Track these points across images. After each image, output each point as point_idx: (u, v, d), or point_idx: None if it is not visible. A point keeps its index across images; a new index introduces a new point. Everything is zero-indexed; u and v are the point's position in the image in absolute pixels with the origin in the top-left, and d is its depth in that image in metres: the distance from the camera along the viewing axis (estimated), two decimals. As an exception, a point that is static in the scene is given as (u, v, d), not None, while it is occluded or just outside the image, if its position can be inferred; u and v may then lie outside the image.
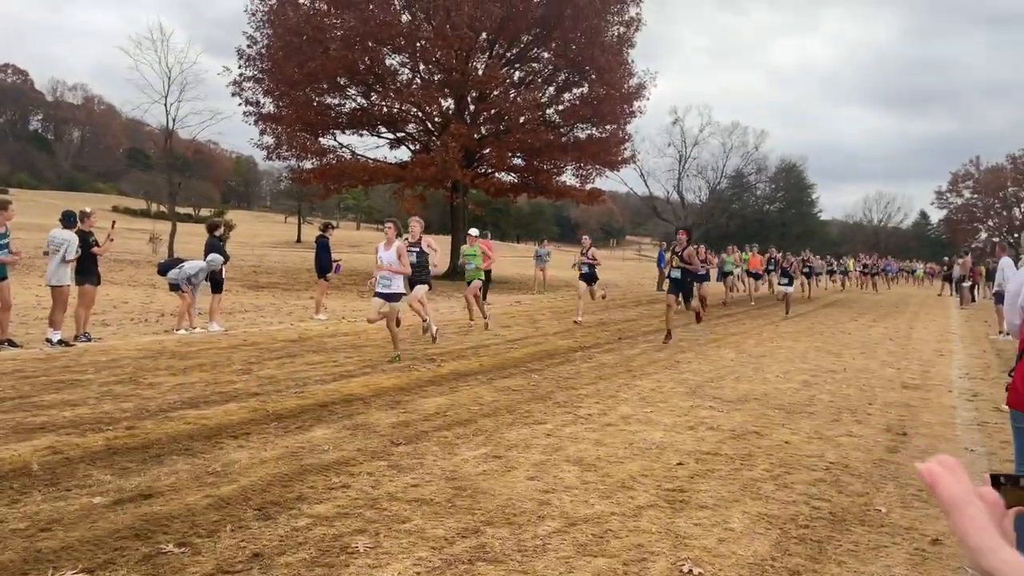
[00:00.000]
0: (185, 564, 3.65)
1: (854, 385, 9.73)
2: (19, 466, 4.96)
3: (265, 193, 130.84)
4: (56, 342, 10.13)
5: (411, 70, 32.08)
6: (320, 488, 4.84)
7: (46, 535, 3.89)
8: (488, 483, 5.08)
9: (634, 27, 32.91)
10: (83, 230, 10.79)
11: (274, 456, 5.49)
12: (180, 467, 5.13)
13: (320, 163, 31.45)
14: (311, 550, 3.87)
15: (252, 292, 20.34)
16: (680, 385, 9.16)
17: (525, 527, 4.32)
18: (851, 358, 12.34)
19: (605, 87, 31.43)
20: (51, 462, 5.09)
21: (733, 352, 12.44)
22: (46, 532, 3.93)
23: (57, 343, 10.11)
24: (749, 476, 5.53)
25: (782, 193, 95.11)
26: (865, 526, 4.59)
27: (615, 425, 6.95)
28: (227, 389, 7.77)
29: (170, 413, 6.60)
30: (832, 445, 6.57)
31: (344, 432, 6.27)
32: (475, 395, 8.04)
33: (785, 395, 8.83)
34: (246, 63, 30.44)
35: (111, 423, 6.19)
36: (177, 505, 4.41)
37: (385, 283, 9.89)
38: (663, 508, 4.75)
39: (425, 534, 4.15)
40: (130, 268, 25.23)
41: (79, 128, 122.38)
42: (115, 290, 17.59)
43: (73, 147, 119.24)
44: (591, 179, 35.03)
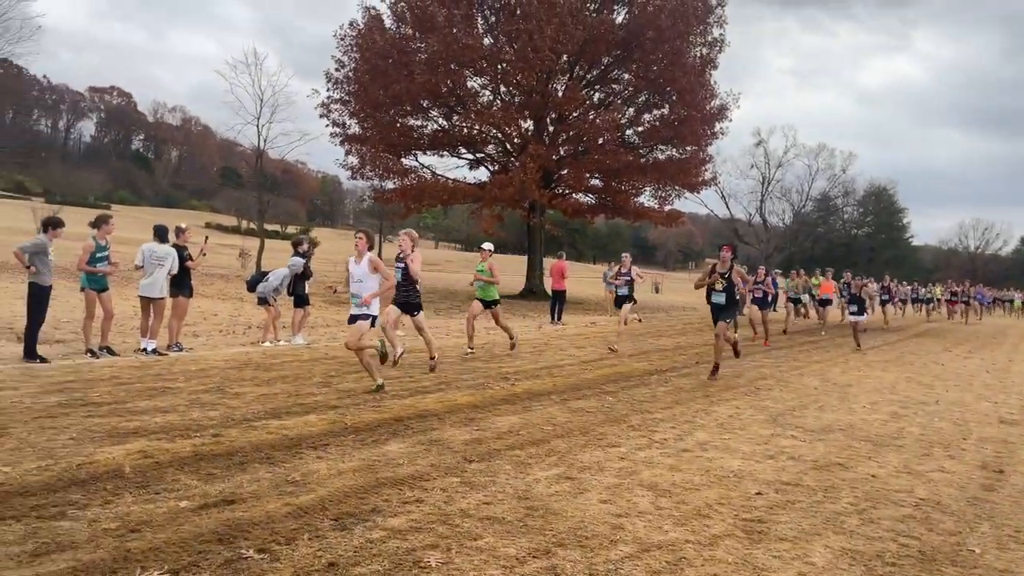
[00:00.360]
0: (264, 570, 3.74)
1: (947, 419, 9.27)
2: (112, 468, 5.20)
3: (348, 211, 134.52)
4: (150, 351, 10.61)
5: (492, 92, 32.57)
6: (394, 501, 4.90)
7: (135, 536, 4.06)
8: (560, 504, 5.04)
9: (717, 48, 32.64)
10: (178, 244, 11.30)
11: (351, 468, 5.59)
12: (262, 475, 5.28)
13: (402, 183, 32.17)
14: (384, 562, 3.91)
15: (334, 307, 20.87)
16: (760, 412, 8.91)
17: (597, 551, 4.26)
18: (944, 390, 11.77)
19: (686, 108, 31.20)
20: (142, 465, 5.32)
21: (817, 380, 12.04)
22: (135, 533, 4.10)
23: (151, 352, 10.59)
24: (832, 509, 5.32)
25: (871, 217, 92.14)
26: (957, 567, 4.35)
27: (691, 451, 6.81)
28: (308, 401, 7.97)
29: (254, 422, 6.82)
30: (922, 480, 6.26)
31: (418, 447, 6.34)
32: (548, 415, 8.01)
33: (872, 427, 8.48)
34: (334, 86, 31.50)
35: (199, 430, 6.43)
36: (258, 512, 4.54)
37: (356, 301, 9.01)
38: (740, 538, 4.62)
39: (496, 552, 4.14)
40: (220, 282, 26.28)
41: (177, 148, 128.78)
42: (206, 303, 18.35)
43: (171, 166, 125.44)
44: (670, 200, 34.76)
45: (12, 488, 4.67)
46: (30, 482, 4.80)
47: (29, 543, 3.88)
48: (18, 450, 5.51)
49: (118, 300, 11.10)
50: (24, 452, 5.46)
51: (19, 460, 5.25)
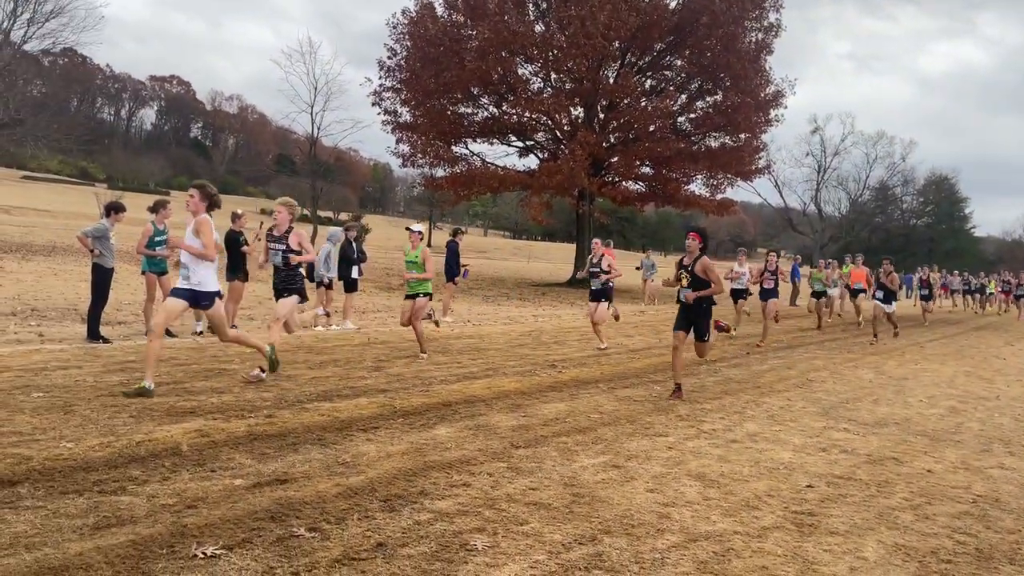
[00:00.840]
0: (315, 548, 3.83)
1: (1008, 414, 8.98)
2: (171, 446, 5.36)
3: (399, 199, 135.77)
4: (198, 332, 10.90)
5: (542, 79, 32.44)
6: (442, 485, 4.95)
7: (191, 512, 4.19)
8: (606, 492, 5.04)
9: (773, 33, 31.92)
10: (234, 230, 11.56)
11: (399, 451, 5.67)
12: (313, 456, 5.39)
13: (452, 170, 32.32)
14: (432, 544, 3.97)
15: (384, 293, 21.13)
16: (812, 405, 8.75)
17: (643, 539, 4.25)
18: (1005, 385, 11.39)
19: (740, 95, 30.63)
20: (199, 444, 5.47)
21: (872, 373, 11.77)
22: (192, 509, 4.23)
23: (198, 334, 10.87)
24: (886, 504, 5.21)
25: (931, 207, 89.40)
26: (1015, 565, 4.23)
27: (740, 442, 6.73)
28: (358, 384, 8.10)
29: (306, 404, 6.95)
30: (981, 477, 6.08)
31: (466, 432, 6.40)
32: (595, 403, 8.00)
33: (929, 421, 8.26)
34: (386, 74, 31.75)
35: (253, 411, 6.59)
36: (309, 492, 4.63)
37: (184, 273, 7.45)
38: (790, 531, 4.56)
39: (543, 537, 4.16)
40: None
41: (234, 135, 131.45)
42: (261, 287, 18.72)
43: (228, 153, 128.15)
44: (722, 189, 34.21)
45: (76, 463, 4.85)
46: (92, 458, 4.98)
47: (91, 516, 4.03)
48: (81, 427, 5.72)
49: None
50: (87, 429, 5.67)
51: (82, 436, 5.45)
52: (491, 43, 28.54)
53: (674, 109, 31.90)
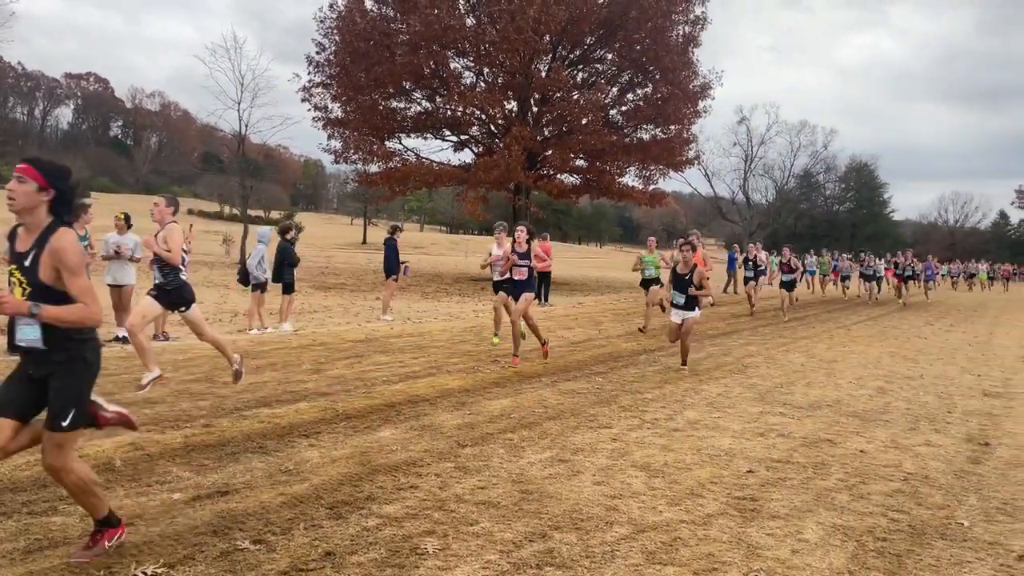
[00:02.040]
0: (261, 561, 3.74)
1: (932, 393, 9.38)
2: (103, 461, 5.17)
3: (332, 196, 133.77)
4: (121, 338, 10.52)
5: (475, 73, 32.37)
6: (389, 488, 4.90)
7: (129, 529, 4.04)
8: (555, 487, 5.07)
9: (700, 26, 32.52)
10: (161, 233, 11.19)
11: (344, 455, 5.59)
12: (255, 465, 5.27)
13: (386, 166, 31.98)
14: (381, 550, 3.92)
15: (321, 293, 20.79)
16: (748, 390, 8.98)
17: (593, 533, 4.29)
18: (928, 364, 11.90)
19: (669, 87, 31.13)
20: (132, 458, 5.29)
21: (803, 357, 12.13)
22: (129, 527, 4.08)
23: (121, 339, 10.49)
24: (823, 486, 5.38)
25: (852, 193, 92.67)
26: (946, 540, 4.42)
27: (682, 430, 6.86)
28: (298, 388, 7.95)
29: (244, 412, 6.79)
30: (910, 455, 6.34)
31: (411, 433, 6.34)
32: (539, 397, 8.04)
33: (859, 402, 8.56)
34: (315, 69, 31.18)
35: (188, 421, 6.40)
36: (252, 502, 4.53)
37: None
38: (734, 517, 4.66)
39: (493, 537, 4.16)
40: (204, 269, 26.08)
41: (156, 134, 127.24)
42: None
43: (151, 152, 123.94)
44: (654, 180, 34.76)
45: (2, 484, 4.64)
46: (19, 478, 4.77)
47: (21, 540, 3.85)
48: (7, 445, 5.46)
49: (103, 291, 10.99)
50: (13, 447, 5.42)
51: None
52: (421, 37, 28.30)
53: (606, 102, 32.21)
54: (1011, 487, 5.52)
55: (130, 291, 11.05)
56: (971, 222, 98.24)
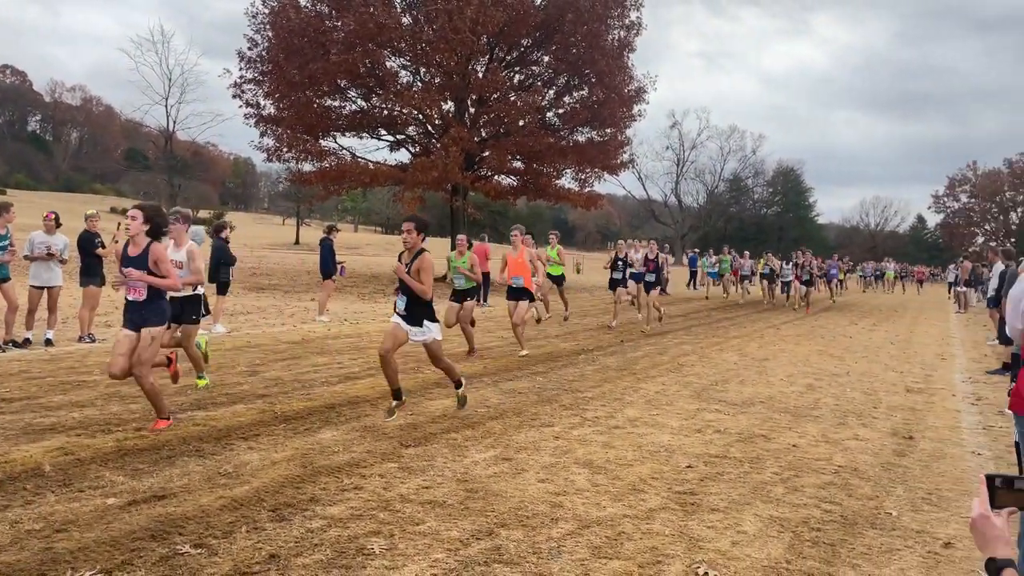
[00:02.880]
0: (202, 565, 3.65)
1: (858, 389, 9.75)
2: (31, 467, 4.96)
3: (264, 195, 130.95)
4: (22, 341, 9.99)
5: (412, 73, 32.14)
6: (332, 490, 4.84)
7: (62, 536, 3.89)
8: (499, 485, 5.09)
9: (634, 31, 32.99)
10: (88, 231, 10.79)
11: (285, 457, 5.49)
12: (192, 468, 5.13)
13: (320, 165, 31.46)
14: (327, 551, 3.87)
15: (253, 294, 20.33)
16: (685, 388, 9.17)
17: (539, 529, 4.33)
18: (854, 362, 12.36)
19: (605, 91, 31.51)
20: (63, 463, 5.09)
21: (736, 355, 12.46)
22: (62, 533, 3.93)
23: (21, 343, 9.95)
24: (759, 479, 5.54)
25: (779, 197, 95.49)
26: (877, 529, 4.61)
27: (623, 428, 6.97)
28: (234, 391, 7.77)
29: (178, 414, 6.60)
30: (840, 448, 6.58)
31: (353, 434, 6.27)
32: (481, 397, 8.05)
33: (790, 398, 8.85)
34: (247, 65, 30.47)
35: (120, 424, 6.19)
36: (191, 506, 4.41)
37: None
38: (675, 511, 4.76)
39: (440, 536, 4.15)
40: (130, 269, 25.18)
41: (77, 129, 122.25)
42: (119, 292, 17.59)
43: (71, 148, 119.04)
44: (590, 182, 35.10)
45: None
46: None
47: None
48: (-77, 452, 5.19)
49: (21, 290, 10.51)
50: (-70, 454, 5.15)
51: (-75, 463, 4.95)
52: (357, 35, 27.94)
53: (543, 104, 32.39)
54: (934, 478, 5.79)
55: (57, 292, 10.60)
56: (891, 225, 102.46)
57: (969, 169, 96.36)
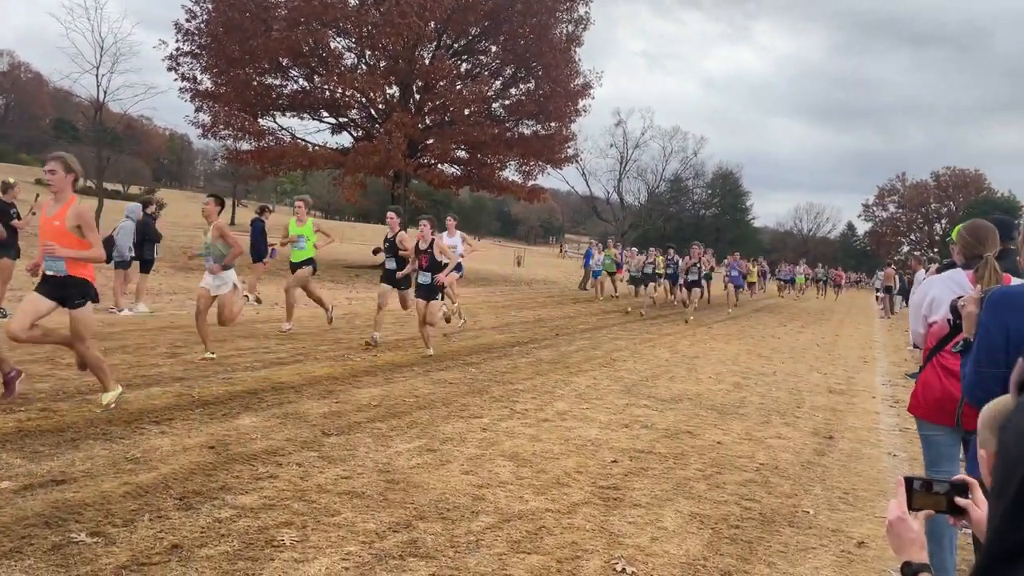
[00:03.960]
0: (98, 554, 3.44)
1: (783, 388, 9.94)
2: (-82, 447, 4.64)
3: (199, 173, 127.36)
4: None
5: (356, 55, 31.55)
6: (246, 478, 4.65)
7: (-55, 522, 3.63)
8: (422, 477, 4.98)
9: (582, 26, 33.06)
10: (4, 202, 10.23)
11: (198, 443, 5.27)
12: (96, 452, 4.87)
13: (258, 144, 30.66)
14: (234, 542, 3.70)
15: (182, 274, 19.67)
16: (616, 383, 9.20)
17: (458, 522, 4.23)
18: (780, 362, 12.62)
19: (551, 84, 31.50)
20: (-46, 444, 4.77)
21: (667, 352, 12.58)
22: (-55, 519, 3.67)
23: None
24: (682, 475, 5.56)
25: (718, 199, 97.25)
26: (794, 527, 4.66)
27: (551, 421, 6.92)
28: (151, 372, 7.46)
29: (88, 395, 6.29)
30: (762, 447, 6.67)
31: (273, 421, 6.07)
32: (411, 387, 7.91)
33: (717, 396, 8.95)
34: (184, 37, 29.42)
35: (24, 404, 5.86)
36: (92, 492, 4.18)
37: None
38: (598, 506, 4.73)
39: (355, 528, 4.02)
40: (51, 243, 24.14)
41: (3, 96, 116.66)
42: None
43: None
44: (534, 175, 35.09)
45: None
46: None
47: None
48: None
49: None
50: None
51: None
52: (300, 12, 27.24)
53: (489, 95, 32.19)
54: (852, 478, 5.91)
55: None
56: (823, 231, 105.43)
57: (898, 180, 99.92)
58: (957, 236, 3.75)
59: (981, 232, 3.50)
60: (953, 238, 3.86)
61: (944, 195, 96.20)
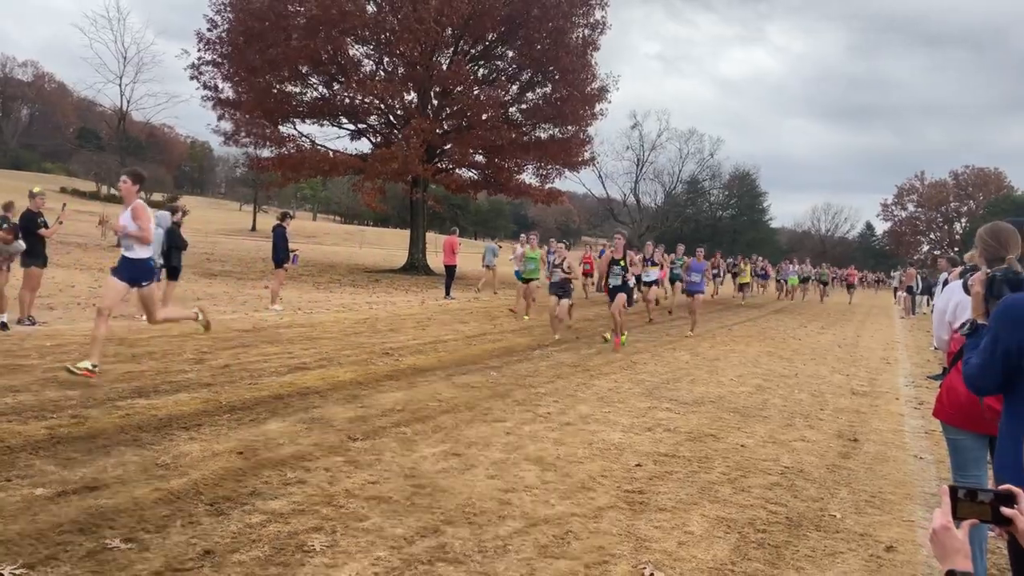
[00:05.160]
0: (132, 560, 3.51)
1: (806, 390, 9.88)
2: (-45, 454, 4.73)
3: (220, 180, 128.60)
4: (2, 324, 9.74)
5: (375, 62, 31.78)
6: (275, 483, 4.71)
7: (-16, 527, 3.71)
8: (448, 481, 5.01)
9: (599, 30, 33.04)
10: (32, 211, 10.41)
11: (227, 449, 5.34)
12: (128, 458, 4.95)
13: (279, 151, 30.95)
14: (265, 548, 3.75)
15: (205, 280, 19.89)
16: (637, 386, 9.19)
17: (486, 527, 4.26)
18: (802, 364, 12.55)
19: (568, 88, 31.52)
20: (-10, 451, 4.87)
21: (688, 355, 12.55)
22: (-16, 524, 3.75)
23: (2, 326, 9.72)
24: (707, 479, 5.56)
25: (735, 200, 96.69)
26: (821, 531, 4.64)
27: (574, 424, 6.94)
28: (179, 379, 7.55)
29: (118, 402, 6.38)
30: (787, 449, 6.65)
31: (300, 426, 6.13)
32: (434, 391, 7.95)
33: (739, 399, 8.92)
34: (205, 47, 29.79)
35: (55, 411, 5.96)
36: (124, 498, 4.25)
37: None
38: (623, 510, 4.74)
39: (384, 533, 4.06)
40: (78, 251, 24.51)
41: (28, 106, 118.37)
42: (61, 273, 17.04)
43: (21, 125, 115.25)
44: (551, 179, 35.10)
45: None
46: None
47: None
48: None
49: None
50: None
51: None
52: (319, 20, 27.48)
53: (506, 99, 32.27)
54: (878, 481, 5.87)
55: None
56: (841, 232, 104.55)
57: (917, 179, 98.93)
58: (977, 239, 3.72)
59: (1003, 235, 3.43)
60: None
61: (964, 194, 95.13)
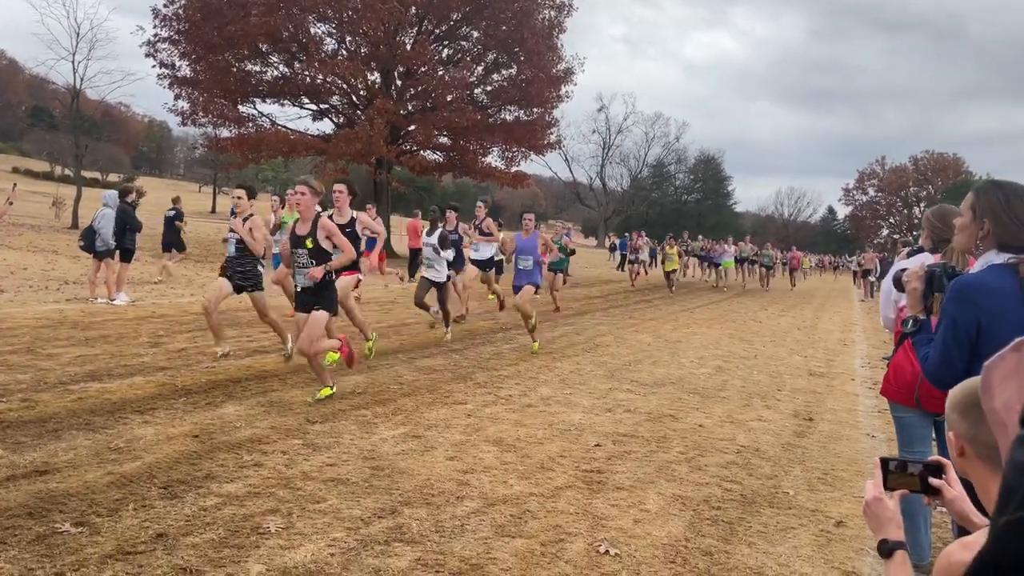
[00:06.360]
0: (83, 544, 3.45)
1: (765, 372, 10.05)
2: (-102, 440, 4.60)
3: (179, 161, 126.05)
4: None
5: (337, 41, 31.29)
6: (231, 466, 4.66)
7: (-73, 514, 3.62)
8: (406, 463, 5.01)
9: (565, 12, 32.92)
10: (-23, 190, 10.10)
11: (182, 432, 5.26)
12: (80, 442, 4.86)
13: (238, 131, 30.37)
14: (219, 530, 3.72)
15: (161, 262, 19.51)
16: (599, 368, 9.26)
17: (443, 507, 4.27)
18: (761, 346, 12.74)
19: (533, 70, 31.41)
20: (-65, 436, 4.74)
21: (650, 337, 12.67)
22: (-73, 510, 3.66)
23: None
24: (664, 458, 5.63)
25: (700, 184, 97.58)
26: (774, 508, 4.73)
27: (535, 406, 6.97)
28: (133, 362, 7.42)
29: (70, 386, 6.26)
30: (743, 429, 6.75)
31: (257, 409, 6.07)
32: (395, 374, 7.93)
33: (699, 380, 9.04)
34: (161, 23, 29.02)
35: (4, 395, 5.82)
36: (75, 482, 4.17)
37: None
38: (581, 489, 4.78)
39: (340, 514, 4.05)
40: (30, 233, 23.88)
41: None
42: (13, 255, 16.61)
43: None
44: (517, 162, 35.00)
45: None
46: None
47: None
48: None
49: None
50: None
51: None
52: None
53: (471, 80, 32.05)
54: (831, 459, 6.00)
55: None
56: (803, 216, 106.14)
57: (878, 164, 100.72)
58: (925, 221, 3.79)
59: (948, 216, 3.54)
60: None
61: (923, 179, 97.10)
